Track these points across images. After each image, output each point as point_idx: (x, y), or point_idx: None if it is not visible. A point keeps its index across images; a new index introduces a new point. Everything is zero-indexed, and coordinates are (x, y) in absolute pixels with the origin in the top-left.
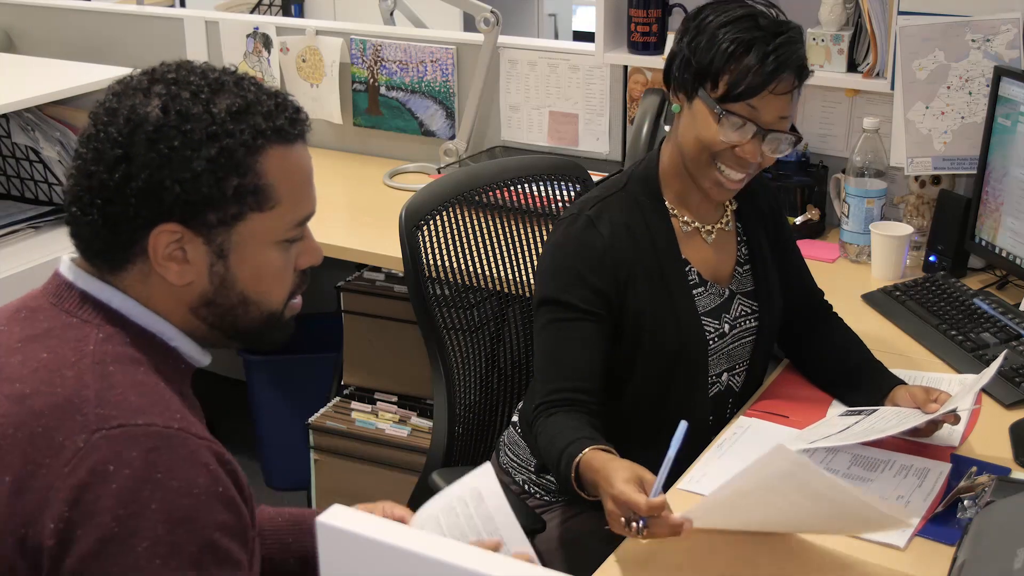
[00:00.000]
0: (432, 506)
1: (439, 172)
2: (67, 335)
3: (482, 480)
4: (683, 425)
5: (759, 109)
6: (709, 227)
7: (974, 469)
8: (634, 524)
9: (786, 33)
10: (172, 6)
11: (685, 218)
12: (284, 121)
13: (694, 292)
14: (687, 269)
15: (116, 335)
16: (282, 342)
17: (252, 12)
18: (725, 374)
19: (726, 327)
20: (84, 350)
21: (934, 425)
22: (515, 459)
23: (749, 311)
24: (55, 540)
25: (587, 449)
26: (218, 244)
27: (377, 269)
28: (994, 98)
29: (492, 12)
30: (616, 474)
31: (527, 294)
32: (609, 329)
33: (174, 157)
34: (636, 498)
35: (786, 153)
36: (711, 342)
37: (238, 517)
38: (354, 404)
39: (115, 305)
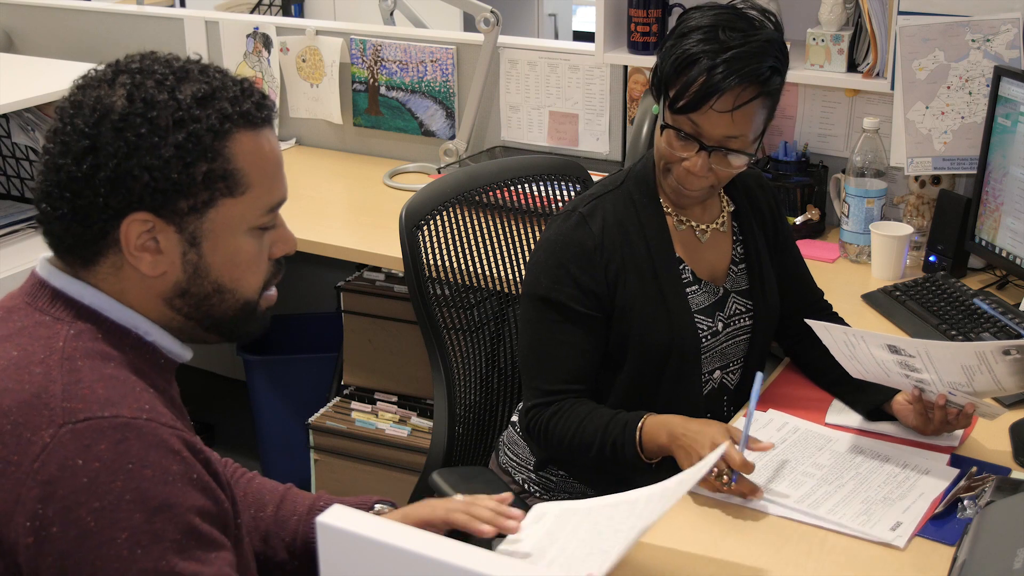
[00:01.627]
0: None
1: (439, 172)
2: (38, 333)
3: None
4: (759, 376)
5: (701, 125)
6: (704, 226)
7: (974, 469)
8: (726, 476)
9: (742, 47)
10: (172, 6)
11: (680, 217)
12: (250, 106)
13: (688, 290)
14: (681, 267)
15: (87, 331)
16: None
17: (252, 12)
18: (718, 372)
19: (719, 325)
20: (54, 347)
21: (946, 425)
22: (515, 459)
23: (743, 309)
24: (33, 538)
25: (646, 415)
26: (190, 232)
27: (377, 269)
28: (994, 98)
29: (492, 12)
30: (711, 428)
31: None
32: (602, 327)
33: (141, 144)
34: (736, 455)
35: (743, 168)
36: (704, 339)
37: (216, 503)
38: (354, 404)
39: (87, 301)
